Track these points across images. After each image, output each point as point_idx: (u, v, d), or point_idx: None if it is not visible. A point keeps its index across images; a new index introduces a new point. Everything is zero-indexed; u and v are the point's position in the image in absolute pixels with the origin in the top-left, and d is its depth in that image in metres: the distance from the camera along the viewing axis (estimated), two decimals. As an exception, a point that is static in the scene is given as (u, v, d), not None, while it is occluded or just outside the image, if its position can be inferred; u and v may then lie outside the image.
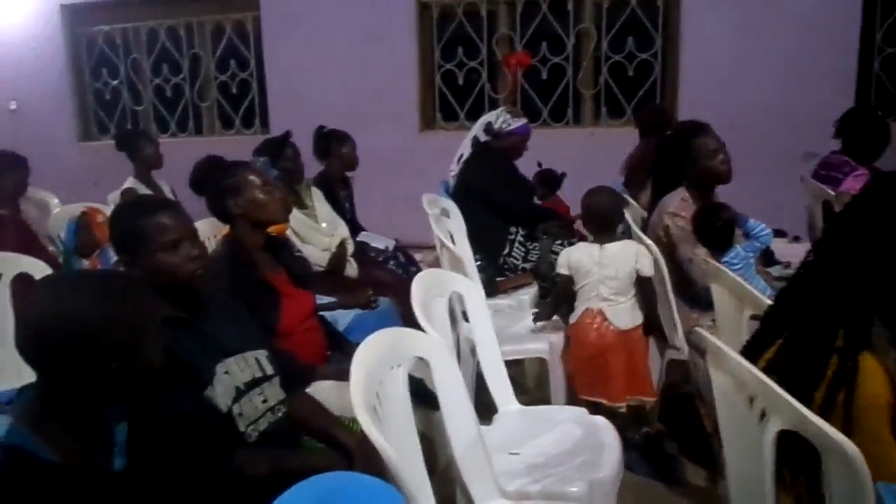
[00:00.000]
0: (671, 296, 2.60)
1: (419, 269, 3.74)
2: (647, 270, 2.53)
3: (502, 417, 2.12)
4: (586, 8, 5.19)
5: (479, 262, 3.23)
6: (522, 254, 3.46)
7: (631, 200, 3.21)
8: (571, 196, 3.88)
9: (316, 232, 3.26)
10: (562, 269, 2.66)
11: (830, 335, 1.30)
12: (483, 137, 3.65)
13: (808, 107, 4.65)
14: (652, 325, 2.63)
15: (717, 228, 2.53)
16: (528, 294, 3.28)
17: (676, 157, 2.69)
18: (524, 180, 3.79)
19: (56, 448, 1.13)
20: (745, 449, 1.40)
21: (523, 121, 3.68)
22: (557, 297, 2.78)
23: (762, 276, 2.70)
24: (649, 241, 2.62)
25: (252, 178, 2.14)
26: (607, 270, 2.56)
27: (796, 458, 1.30)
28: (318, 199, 3.43)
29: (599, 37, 5.19)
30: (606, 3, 5.13)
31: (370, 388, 1.36)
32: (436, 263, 3.76)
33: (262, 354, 1.72)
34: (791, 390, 1.28)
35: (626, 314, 2.56)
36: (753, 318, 1.95)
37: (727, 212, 2.57)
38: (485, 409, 2.11)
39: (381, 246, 3.70)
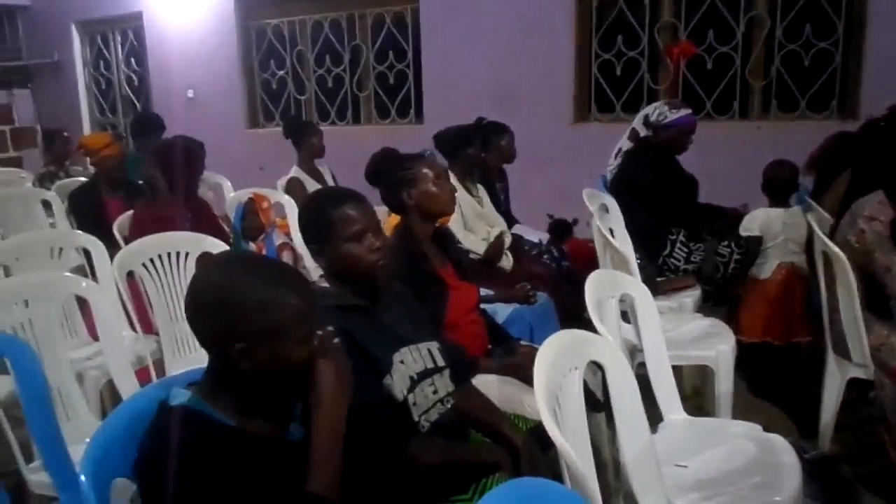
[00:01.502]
0: (857, 307, 2.40)
1: (571, 264, 3.68)
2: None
3: (669, 426, 2.04)
4: (760, -7, 4.87)
5: (637, 261, 3.11)
6: (685, 254, 3.30)
7: (815, 205, 2.98)
8: (737, 194, 3.68)
9: (481, 220, 3.27)
10: (752, 232, 3.18)
11: None
12: (643, 132, 3.50)
13: None
14: None
15: None
16: (691, 297, 3.13)
17: (883, 156, 2.45)
18: (687, 178, 3.60)
19: (229, 414, 1.21)
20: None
21: (684, 112, 3.44)
22: (751, 257, 3.22)
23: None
24: (835, 248, 2.42)
25: (426, 170, 2.18)
26: (795, 230, 3.11)
27: None
28: (482, 192, 3.46)
29: (773, 24, 4.84)
30: (783, -13, 4.78)
31: (552, 390, 1.34)
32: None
33: (433, 346, 1.74)
34: None
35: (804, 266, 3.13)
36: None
37: None
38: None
39: (534, 239, 3.67)
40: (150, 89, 7.47)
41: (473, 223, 3.20)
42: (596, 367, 1.71)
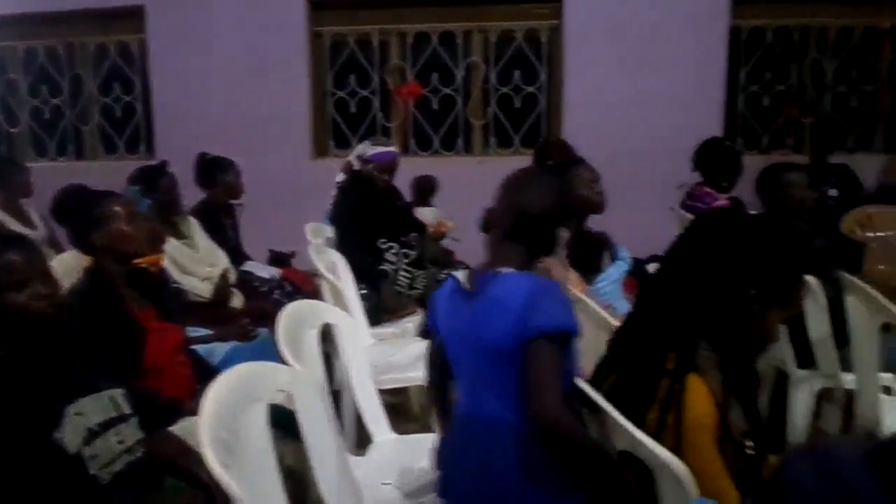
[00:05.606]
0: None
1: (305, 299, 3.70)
2: None
3: (377, 447, 2.13)
4: (474, 41, 5.35)
5: (363, 291, 3.23)
6: (408, 281, 3.49)
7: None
8: (463, 220, 3.97)
9: (196, 263, 3.16)
10: None
11: (661, 359, 1.39)
12: (356, 165, 3.66)
13: (682, 139, 4.94)
14: None
15: (588, 253, 2.70)
16: (413, 322, 3.30)
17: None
18: (400, 207, 3.83)
19: None
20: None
21: (384, 149, 3.64)
22: None
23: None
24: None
25: (117, 209, 2.08)
26: None
27: (637, 479, 1.38)
28: (195, 229, 3.30)
29: (488, 69, 5.36)
30: (494, 37, 5.31)
31: (221, 423, 1.35)
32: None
33: (118, 393, 1.67)
34: (627, 413, 1.36)
35: None
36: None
37: (601, 238, 2.76)
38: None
39: (266, 275, 3.63)
40: None
41: (187, 265, 3.08)
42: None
